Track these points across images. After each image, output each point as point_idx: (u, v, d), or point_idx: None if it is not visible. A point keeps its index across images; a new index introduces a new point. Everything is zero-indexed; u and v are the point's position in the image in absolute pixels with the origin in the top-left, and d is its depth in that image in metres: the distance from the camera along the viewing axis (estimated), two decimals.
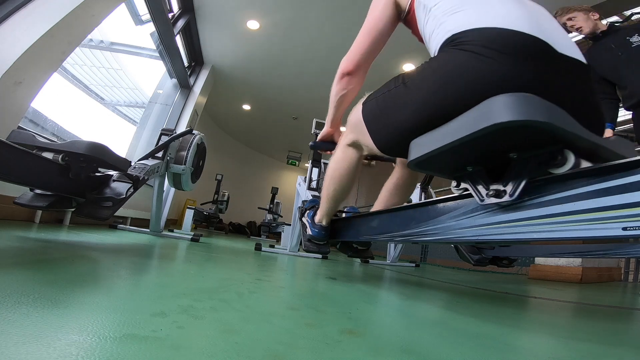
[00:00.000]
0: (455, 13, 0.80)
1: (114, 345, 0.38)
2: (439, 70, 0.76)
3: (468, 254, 1.61)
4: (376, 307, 0.95)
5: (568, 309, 1.38)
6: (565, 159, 0.60)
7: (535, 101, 0.57)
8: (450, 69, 0.74)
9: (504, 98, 0.59)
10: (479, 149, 0.68)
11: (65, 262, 0.85)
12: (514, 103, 0.57)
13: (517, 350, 0.66)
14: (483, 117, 0.60)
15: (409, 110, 0.81)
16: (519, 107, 0.56)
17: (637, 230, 0.49)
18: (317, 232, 1.37)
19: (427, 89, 0.78)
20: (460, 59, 0.73)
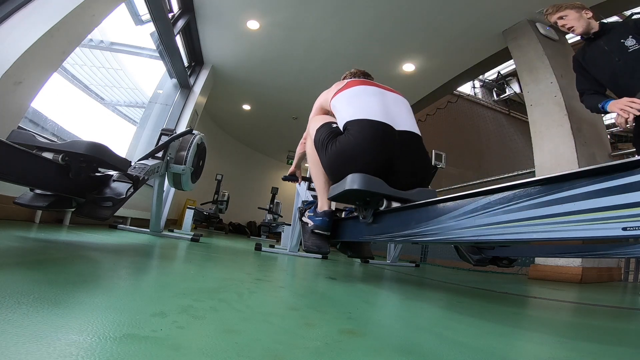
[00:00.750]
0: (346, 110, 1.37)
1: (114, 345, 0.38)
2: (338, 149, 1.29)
3: (468, 254, 1.60)
4: (376, 307, 0.94)
5: (568, 309, 1.38)
6: (383, 203, 1.18)
7: (364, 178, 1.14)
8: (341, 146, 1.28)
9: (352, 176, 1.16)
10: (353, 196, 1.23)
11: (65, 262, 0.85)
12: (354, 179, 1.15)
13: (517, 350, 0.66)
14: (345, 184, 1.17)
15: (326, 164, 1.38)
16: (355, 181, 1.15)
17: (637, 230, 0.49)
18: (321, 219, 1.43)
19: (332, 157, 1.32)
20: (346, 140, 1.28)
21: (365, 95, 1.40)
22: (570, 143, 2.73)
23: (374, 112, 1.29)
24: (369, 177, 1.14)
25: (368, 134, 1.24)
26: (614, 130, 6.38)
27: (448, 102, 6.31)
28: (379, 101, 1.37)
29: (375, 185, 1.14)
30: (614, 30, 1.70)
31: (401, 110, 1.39)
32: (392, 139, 1.26)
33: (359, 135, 1.24)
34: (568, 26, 1.77)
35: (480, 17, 3.36)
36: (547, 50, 3.08)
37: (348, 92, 1.43)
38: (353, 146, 1.24)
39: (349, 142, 1.26)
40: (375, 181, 1.14)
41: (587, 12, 1.77)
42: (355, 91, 1.43)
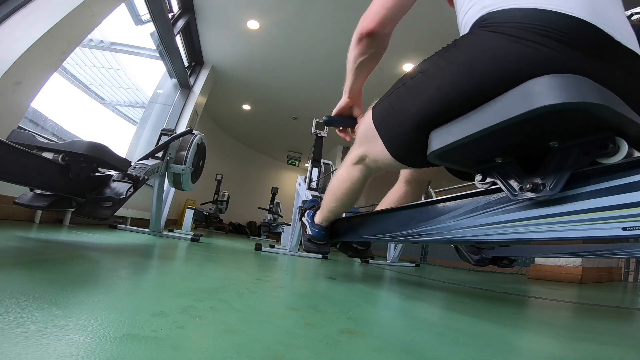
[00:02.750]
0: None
1: (114, 345, 0.38)
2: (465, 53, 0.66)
3: (468, 254, 1.61)
4: (376, 307, 0.94)
5: (568, 309, 1.38)
6: (618, 147, 0.54)
7: (585, 83, 0.51)
8: (479, 53, 0.63)
9: (549, 79, 0.52)
10: (513, 138, 0.60)
11: (65, 262, 0.85)
12: (562, 84, 0.50)
13: (517, 350, 0.66)
14: (523, 100, 0.53)
15: (428, 97, 0.71)
16: (569, 89, 0.50)
17: (637, 230, 0.49)
18: (317, 232, 1.37)
19: (451, 73, 0.67)
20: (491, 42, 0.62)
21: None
22: None
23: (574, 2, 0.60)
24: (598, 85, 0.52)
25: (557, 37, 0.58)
26: None
27: None
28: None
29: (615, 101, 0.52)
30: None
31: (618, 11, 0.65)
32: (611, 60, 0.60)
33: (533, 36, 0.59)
34: None
35: None
36: None
37: None
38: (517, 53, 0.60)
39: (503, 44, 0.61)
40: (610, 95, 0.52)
41: None
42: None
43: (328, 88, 4.93)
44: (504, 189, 0.67)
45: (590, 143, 0.56)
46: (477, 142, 0.62)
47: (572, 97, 0.49)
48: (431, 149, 0.71)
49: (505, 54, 0.61)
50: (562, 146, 0.59)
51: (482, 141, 0.62)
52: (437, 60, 0.73)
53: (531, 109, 0.51)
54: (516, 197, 0.64)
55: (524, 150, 0.64)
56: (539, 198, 0.61)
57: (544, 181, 0.60)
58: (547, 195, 0.59)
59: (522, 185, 0.63)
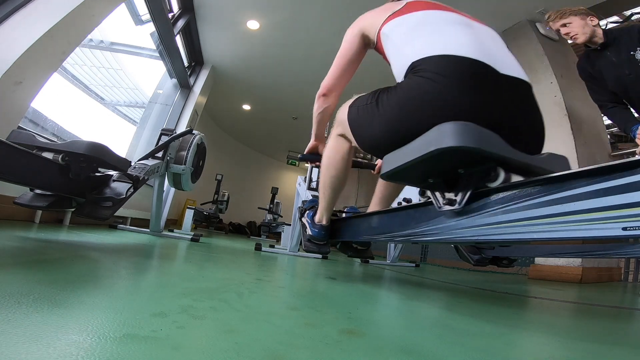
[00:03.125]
0: (412, 43, 0.90)
1: (114, 345, 0.38)
2: (402, 96, 0.86)
3: (468, 254, 1.61)
4: (376, 307, 0.94)
5: (568, 309, 1.38)
6: (497, 175, 0.72)
7: (469, 129, 0.69)
8: (410, 95, 0.85)
9: (446, 126, 0.70)
10: (435, 166, 0.79)
11: (65, 262, 0.85)
12: (453, 131, 0.69)
13: (517, 350, 0.66)
14: (432, 142, 0.71)
15: (380, 127, 0.92)
16: (456, 135, 0.68)
17: (637, 230, 0.49)
18: (317, 232, 1.37)
19: (393, 112, 0.88)
20: (417, 85, 0.83)
21: (442, 23, 0.92)
22: (570, 143, 2.73)
23: (463, 46, 0.83)
24: (480, 129, 0.69)
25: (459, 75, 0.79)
26: (614, 130, 6.38)
27: None
28: (468, 33, 0.88)
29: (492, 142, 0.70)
30: (620, 39, 1.58)
31: (501, 48, 0.91)
32: (498, 87, 0.82)
33: (441, 78, 0.79)
34: (572, 34, 1.63)
35: (479, 17, 3.34)
36: (547, 50, 3.08)
37: (413, 17, 0.96)
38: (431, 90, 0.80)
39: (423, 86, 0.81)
40: (490, 136, 0.70)
41: (593, 18, 1.62)
42: (423, 17, 0.95)
43: None
44: (434, 202, 0.85)
45: (481, 171, 0.75)
46: (412, 168, 0.79)
47: (457, 142, 0.67)
48: (382, 171, 0.89)
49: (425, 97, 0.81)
50: (466, 172, 0.78)
51: (415, 167, 0.79)
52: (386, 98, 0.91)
53: (434, 149, 0.70)
54: (440, 209, 0.83)
55: (446, 174, 0.83)
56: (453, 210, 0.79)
57: (456, 197, 0.79)
58: (457, 208, 0.78)
59: (443, 200, 0.82)
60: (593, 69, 1.72)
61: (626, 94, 1.62)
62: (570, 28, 1.63)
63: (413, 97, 0.83)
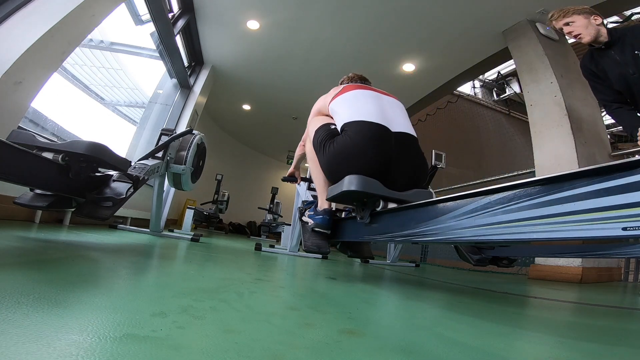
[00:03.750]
0: (344, 112, 1.41)
1: (114, 345, 0.38)
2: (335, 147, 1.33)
3: (468, 254, 1.60)
4: (376, 307, 0.94)
5: (568, 309, 1.38)
6: (379, 204, 1.20)
7: (361, 179, 1.17)
8: (339, 147, 1.32)
9: (350, 177, 1.19)
10: (350, 197, 1.27)
11: (65, 262, 0.85)
12: (351, 180, 1.18)
13: (517, 350, 0.66)
14: (343, 185, 1.20)
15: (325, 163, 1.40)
16: (352, 182, 1.17)
17: (637, 230, 0.49)
18: (321, 217, 1.45)
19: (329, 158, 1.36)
20: (343, 141, 1.32)
21: (362, 98, 1.44)
22: (570, 143, 2.73)
23: (371, 114, 1.33)
24: (366, 179, 1.16)
25: (365, 135, 1.28)
26: (614, 130, 6.38)
27: (448, 102, 6.31)
28: (376, 104, 1.41)
29: (371, 186, 1.17)
30: (624, 39, 1.56)
31: (396, 113, 1.44)
32: (389, 140, 1.30)
33: (356, 137, 1.28)
34: (575, 34, 1.60)
35: (480, 17, 3.36)
36: (547, 50, 3.08)
37: (346, 96, 1.48)
38: (350, 147, 1.28)
39: (346, 143, 1.30)
40: (371, 182, 1.17)
41: (597, 17, 1.59)
42: (352, 94, 1.47)
43: (328, 88, 4.91)
44: (357, 215, 1.31)
45: (372, 201, 1.24)
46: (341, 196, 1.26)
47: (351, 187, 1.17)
48: (327, 196, 1.39)
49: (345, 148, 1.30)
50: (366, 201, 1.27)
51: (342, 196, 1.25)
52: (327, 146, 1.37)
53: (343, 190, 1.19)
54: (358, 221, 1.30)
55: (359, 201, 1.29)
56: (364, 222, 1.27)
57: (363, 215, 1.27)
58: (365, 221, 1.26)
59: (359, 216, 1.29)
60: (597, 68, 1.70)
61: (630, 93, 1.60)
62: (573, 27, 1.61)
63: (341, 150, 1.31)
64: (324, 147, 1.38)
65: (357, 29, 3.78)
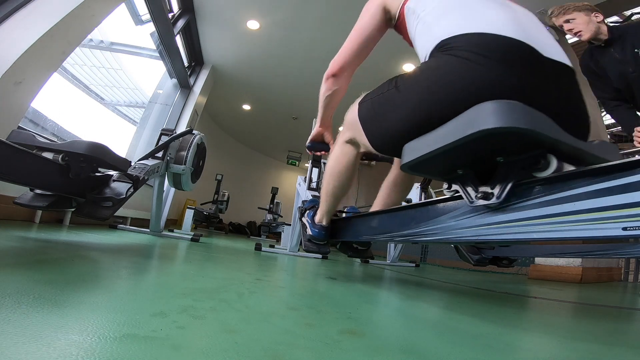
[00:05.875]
0: (444, 18, 0.82)
1: (114, 345, 0.38)
2: (430, 76, 0.78)
3: (468, 254, 1.61)
4: (376, 307, 0.94)
5: (568, 309, 1.38)
6: (548, 163, 0.63)
7: (518, 108, 0.60)
8: (440, 75, 0.76)
9: (489, 105, 0.62)
10: (468, 153, 0.70)
11: (65, 262, 0.85)
12: (498, 110, 0.60)
13: (517, 350, 0.66)
14: (470, 123, 0.63)
15: (401, 114, 0.82)
16: (503, 114, 0.59)
17: (637, 230, 0.49)
18: (317, 232, 1.37)
19: (418, 95, 0.79)
20: (449, 65, 0.75)
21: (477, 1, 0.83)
22: None
23: (504, 25, 0.75)
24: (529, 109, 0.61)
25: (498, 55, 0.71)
26: (614, 130, 6.38)
27: None
28: (507, 12, 0.80)
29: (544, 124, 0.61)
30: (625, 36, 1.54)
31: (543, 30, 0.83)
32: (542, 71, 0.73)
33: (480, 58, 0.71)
34: (575, 31, 1.58)
35: None
36: None
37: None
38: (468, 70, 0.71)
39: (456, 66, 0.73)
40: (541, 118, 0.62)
41: (597, 14, 1.57)
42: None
43: None
44: (464, 196, 0.74)
45: (527, 159, 0.65)
46: (439, 157, 0.71)
47: (505, 122, 0.58)
48: (403, 161, 0.81)
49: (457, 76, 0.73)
50: (506, 161, 0.68)
51: (443, 156, 0.71)
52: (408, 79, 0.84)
53: (474, 132, 0.61)
54: (472, 204, 0.72)
55: (480, 164, 0.73)
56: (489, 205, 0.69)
57: (492, 190, 0.69)
58: (494, 203, 0.68)
59: (477, 194, 0.71)
60: (597, 65, 1.69)
61: (630, 91, 1.60)
62: (574, 24, 1.59)
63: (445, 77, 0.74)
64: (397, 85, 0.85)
65: None
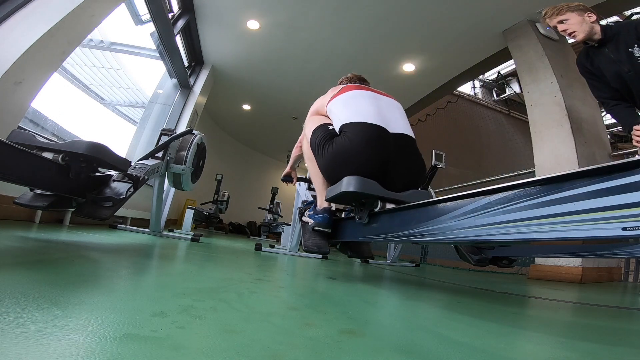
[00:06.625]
0: (342, 113, 1.40)
1: (114, 345, 0.38)
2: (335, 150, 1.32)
3: (468, 254, 1.60)
4: (376, 307, 0.94)
5: (568, 309, 1.38)
6: (377, 204, 1.22)
7: (359, 180, 1.18)
8: (338, 149, 1.31)
9: (347, 178, 1.19)
10: (350, 197, 1.26)
11: (65, 262, 0.85)
12: (349, 181, 1.18)
13: (517, 350, 0.66)
14: (342, 186, 1.20)
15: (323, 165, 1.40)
16: (349, 183, 1.18)
17: (637, 230, 0.49)
18: (321, 216, 1.45)
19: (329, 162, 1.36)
20: (341, 144, 1.31)
21: (360, 99, 1.43)
22: (570, 143, 2.73)
23: (369, 115, 1.33)
24: (364, 180, 1.17)
25: (363, 136, 1.27)
26: (613, 130, 6.38)
27: (448, 102, 6.31)
28: (374, 104, 1.40)
29: (369, 187, 1.18)
30: (618, 36, 1.54)
31: (395, 114, 1.43)
32: (387, 141, 1.30)
33: (355, 138, 1.28)
34: (569, 31, 1.58)
35: (480, 17, 3.36)
36: (547, 50, 3.08)
37: (344, 96, 1.47)
38: (348, 148, 1.28)
39: (344, 145, 1.29)
40: (369, 183, 1.18)
41: (591, 14, 1.57)
42: (350, 95, 1.46)
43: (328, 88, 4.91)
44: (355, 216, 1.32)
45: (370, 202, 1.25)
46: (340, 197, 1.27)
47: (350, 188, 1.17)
48: (326, 197, 1.38)
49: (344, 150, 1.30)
50: (365, 202, 1.27)
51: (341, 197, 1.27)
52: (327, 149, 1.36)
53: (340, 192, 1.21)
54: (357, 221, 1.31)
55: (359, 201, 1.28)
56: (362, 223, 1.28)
57: (361, 215, 1.28)
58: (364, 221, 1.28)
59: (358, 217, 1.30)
60: (592, 65, 1.69)
61: (627, 90, 1.59)
62: (567, 25, 1.58)
63: (339, 151, 1.31)
64: (323, 148, 1.38)
65: (357, 29, 3.78)
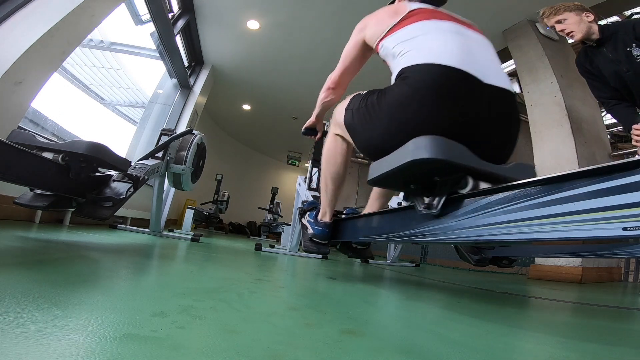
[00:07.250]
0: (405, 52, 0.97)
1: (114, 345, 0.38)
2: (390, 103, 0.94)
3: (468, 254, 1.60)
4: (376, 307, 0.94)
5: (568, 309, 1.38)
6: (467, 182, 0.79)
7: (439, 142, 0.77)
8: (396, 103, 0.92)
9: (420, 140, 0.79)
10: (413, 173, 0.86)
11: (65, 262, 0.85)
12: (422, 144, 0.77)
13: (517, 350, 0.66)
14: (408, 153, 0.80)
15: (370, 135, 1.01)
16: (426, 148, 0.76)
17: (637, 230, 0.49)
18: (321, 229, 1.39)
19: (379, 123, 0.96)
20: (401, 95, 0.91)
21: (435, 33, 0.97)
22: (570, 143, 2.73)
23: (451, 56, 0.89)
24: (449, 142, 0.78)
25: (438, 84, 0.86)
26: (613, 130, 6.38)
27: None
28: (459, 42, 0.94)
29: (459, 154, 0.78)
30: (617, 36, 1.54)
31: (489, 57, 0.98)
32: (478, 96, 0.88)
33: (423, 85, 0.87)
34: (567, 31, 1.58)
35: (480, 17, 3.34)
36: (547, 50, 3.08)
37: (409, 29, 1.00)
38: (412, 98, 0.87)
39: (404, 93, 0.89)
40: (458, 148, 0.79)
41: (588, 14, 1.57)
42: (420, 27, 1.00)
43: None
44: (416, 206, 0.90)
45: (453, 179, 0.83)
46: (394, 175, 0.87)
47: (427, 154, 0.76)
48: (369, 177, 0.96)
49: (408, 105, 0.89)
50: (441, 180, 0.85)
51: (396, 174, 0.86)
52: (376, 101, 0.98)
53: (408, 161, 0.79)
54: (420, 212, 0.89)
55: (425, 181, 0.88)
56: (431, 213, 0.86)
57: (432, 202, 0.86)
58: (435, 212, 0.85)
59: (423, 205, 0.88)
60: (591, 65, 1.69)
61: (627, 90, 1.59)
62: (565, 25, 1.58)
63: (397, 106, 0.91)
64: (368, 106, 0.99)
65: None
